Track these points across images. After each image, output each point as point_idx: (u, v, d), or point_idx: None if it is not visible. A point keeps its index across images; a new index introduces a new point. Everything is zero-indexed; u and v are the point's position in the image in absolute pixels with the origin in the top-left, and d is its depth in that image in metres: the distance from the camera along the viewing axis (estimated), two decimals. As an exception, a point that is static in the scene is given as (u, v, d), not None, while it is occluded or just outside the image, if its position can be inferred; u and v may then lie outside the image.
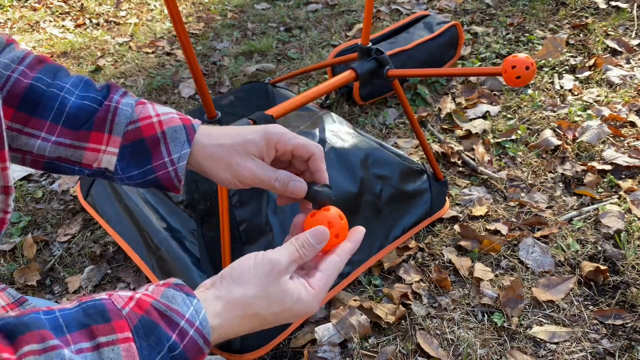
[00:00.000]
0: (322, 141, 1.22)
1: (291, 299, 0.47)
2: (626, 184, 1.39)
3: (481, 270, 1.20)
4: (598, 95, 1.72)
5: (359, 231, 0.54)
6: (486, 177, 1.47)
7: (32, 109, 0.56)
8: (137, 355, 0.40)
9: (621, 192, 1.37)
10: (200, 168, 0.58)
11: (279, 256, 0.48)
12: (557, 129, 1.60)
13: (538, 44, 2.01)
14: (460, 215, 1.36)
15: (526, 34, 2.08)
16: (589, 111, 1.66)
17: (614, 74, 1.79)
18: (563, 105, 1.71)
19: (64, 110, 0.56)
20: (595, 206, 1.34)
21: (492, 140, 1.59)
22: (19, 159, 0.58)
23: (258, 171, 0.55)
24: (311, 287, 0.48)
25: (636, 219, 1.29)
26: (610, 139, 1.54)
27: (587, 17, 2.12)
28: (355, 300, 1.14)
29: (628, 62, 1.86)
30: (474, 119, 1.69)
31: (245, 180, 0.55)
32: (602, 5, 2.17)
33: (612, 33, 2.01)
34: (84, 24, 2.60)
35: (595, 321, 1.09)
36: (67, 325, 0.39)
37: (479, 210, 1.35)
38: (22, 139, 0.56)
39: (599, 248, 1.23)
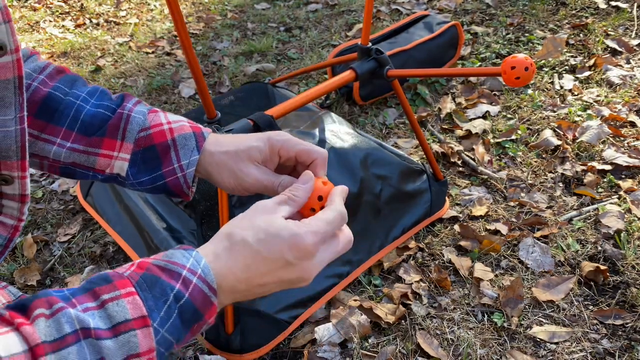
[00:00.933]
0: (322, 141, 1.22)
1: (278, 226, 0.45)
2: (626, 184, 1.39)
3: (481, 270, 1.20)
4: (598, 95, 1.72)
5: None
6: (486, 177, 1.47)
7: (49, 116, 0.58)
8: (142, 306, 0.40)
9: (621, 192, 1.37)
10: (207, 175, 0.59)
11: (264, 200, 0.49)
12: (557, 129, 1.60)
13: (538, 44, 2.01)
14: (460, 215, 1.36)
15: (526, 34, 2.08)
16: (589, 111, 1.66)
17: (614, 74, 1.79)
18: (563, 105, 1.71)
19: (79, 118, 0.58)
20: (595, 206, 1.34)
21: (492, 140, 1.59)
22: (37, 164, 0.60)
23: (261, 177, 0.56)
24: (306, 223, 0.47)
25: (636, 219, 1.29)
26: (610, 139, 1.54)
27: (587, 17, 2.12)
28: (355, 300, 1.14)
29: (628, 62, 1.86)
30: (474, 119, 1.69)
31: (249, 187, 0.57)
32: (602, 5, 2.17)
33: (612, 33, 2.01)
34: (84, 24, 2.60)
35: (595, 321, 1.09)
36: (72, 294, 0.41)
37: (479, 210, 1.35)
38: (39, 145, 0.58)
39: (599, 248, 1.23)
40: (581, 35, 2.03)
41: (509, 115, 1.70)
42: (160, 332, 0.41)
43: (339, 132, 1.27)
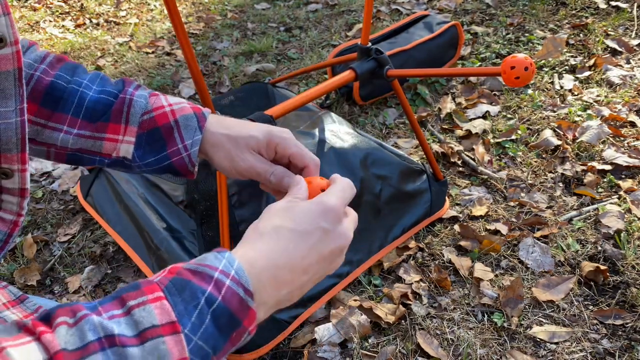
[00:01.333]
0: (322, 141, 1.22)
1: (302, 203, 0.46)
2: (626, 184, 1.39)
3: (481, 270, 1.20)
4: (598, 95, 1.72)
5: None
6: (486, 177, 1.47)
7: (54, 104, 0.59)
8: (171, 311, 0.37)
9: (621, 192, 1.37)
10: (206, 154, 0.61)
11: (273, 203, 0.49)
12: (557, 129, 1.60)
13: (538, 44, 2.01)
14: (460, 215, 1.36)
15: (526, 34, 2.08)
16: (589, 111, 1.66)
17: (614, 74, 1.79)
18: (563, 105, 1.71)
19: (83, 104, 0.60)
20: (595, 206, 1.34)
21: (492, 140, 1.59)
22: (44, 152, 0.61)
23: (256, 164, 0.57)
24: (323, 194, 0.48)
25: (636, 219, 1.29)
26: (610, 139, 1.54)
27: (587, 17, 2.12)
28: (355, 300, 1.14)
29: (628, 62, 1.86)
30: (474, 119, 1.69)
31: (242, 171, 0.58)
32: (602, 5, 2.17)
33: (612, 33, 2.01)
34: (84, 24, 2.60)
35: (595, 321, 1.09)
36: (100, 302, 0.39)
37: (479, 210, 1.35)
38: (46, 133, 0.59)
39: (599, 248, 1.23)
40: (581, 35, 2.03)
41: (509, 115, 1.70)
42: (193, 339, 0.38)
43: (339, 132, 1.27)
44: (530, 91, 1.79)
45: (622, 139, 1.55)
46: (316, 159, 0.58)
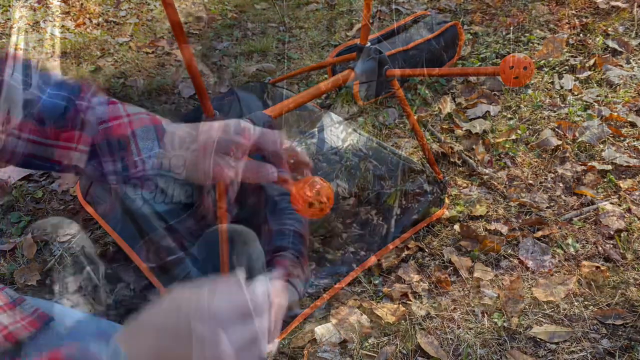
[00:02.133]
0: (322, 141, 1.23)
1: (199, 296, 0.42)
2: (626, 184, 1.39)
3: (481, 270, 1.20)
4: (598, 95, 1.72)
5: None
6: (486, 177, 1.47)
7: (3, 106, 0.55)
8: None
9: (621, 192, 1.37)
10: (168, 167, 0.58)
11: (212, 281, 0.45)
12: (557, 129, 1.60)
13: (538, 44, 2.01)
14: (460, 215, 1.36)
15: (526, 34, 2.08)
16: (589, 111, 1.66)
17: (614, 74, 1.79)
18: (563, 105, 1.71)
19: (36, 108, 0.56)
20: (595, 206, 1.34)
21: (492, 140, 1.59)
22: None
23: (225, 164, 0.55)
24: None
25: (636, 219, 1.28)
26: (610, 139, 1.54)
27: (587, 17, 2.12)
28: (355, 300, 1.14)
29: (628, 62, 1.86)
30: (474, 119, 1.69)
31: (213, 175, 0.56)
32: (602, 5, 2.17)
33: (612, 33, 2.01)
34: (84, 24, 2.60)
35: (595, 321, 1.09)
36: None
37: (479, 210, 1.35)
38: None
39: (599, 248, 1.23)
40: (581, 35, 2.03)
41: (509, 115, 1.69)
42: None
43: (339, 132, 1.27)
44: (530, 91, 1.79)
45: (622, 139, 1.55)
46: (277, 133, 0.56)
